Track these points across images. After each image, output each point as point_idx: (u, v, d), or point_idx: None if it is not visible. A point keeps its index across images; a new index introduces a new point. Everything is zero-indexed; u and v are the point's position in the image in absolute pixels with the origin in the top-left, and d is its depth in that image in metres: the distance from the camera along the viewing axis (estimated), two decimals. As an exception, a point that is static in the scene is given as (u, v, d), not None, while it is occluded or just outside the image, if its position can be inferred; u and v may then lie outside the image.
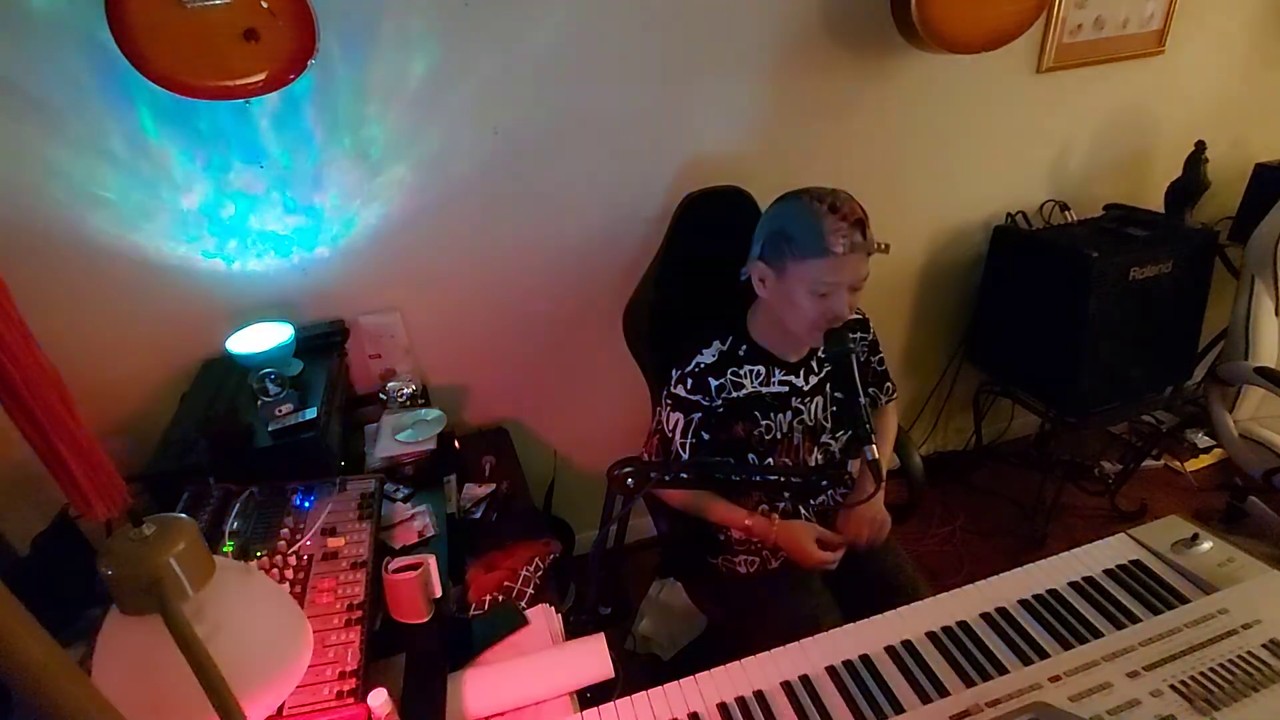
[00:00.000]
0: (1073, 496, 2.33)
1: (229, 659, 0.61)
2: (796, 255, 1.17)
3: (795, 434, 1.36)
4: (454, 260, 1.71)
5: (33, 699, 0.41)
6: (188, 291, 1.54)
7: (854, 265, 1.16)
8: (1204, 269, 2.00)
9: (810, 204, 1.17)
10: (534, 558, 1.29)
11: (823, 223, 1.13)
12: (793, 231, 1.17)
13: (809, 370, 1.36)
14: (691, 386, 1.30)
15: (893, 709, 0.86)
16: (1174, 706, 0.80)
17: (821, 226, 1.13)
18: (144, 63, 1.21)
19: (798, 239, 1.16)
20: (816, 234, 1.14)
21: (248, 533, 1.14)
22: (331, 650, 0.97)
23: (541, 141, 1.64)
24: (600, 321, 1.83)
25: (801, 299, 1.19)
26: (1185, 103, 2.20)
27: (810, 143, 1.86)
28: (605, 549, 1.00)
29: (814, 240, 1.14)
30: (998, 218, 2.14)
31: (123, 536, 0.63)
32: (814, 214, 1.15)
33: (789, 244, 1.18)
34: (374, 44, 1.45)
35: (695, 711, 0.89)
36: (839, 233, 1.13)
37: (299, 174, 1.52)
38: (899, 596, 1.28)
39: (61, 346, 1.43)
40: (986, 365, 2.32)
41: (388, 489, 1.39)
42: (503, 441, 1.80)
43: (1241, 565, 1.00)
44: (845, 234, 1.13)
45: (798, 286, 1.19)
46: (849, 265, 1.16)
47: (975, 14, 1.65)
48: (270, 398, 1.35)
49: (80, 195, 1.40)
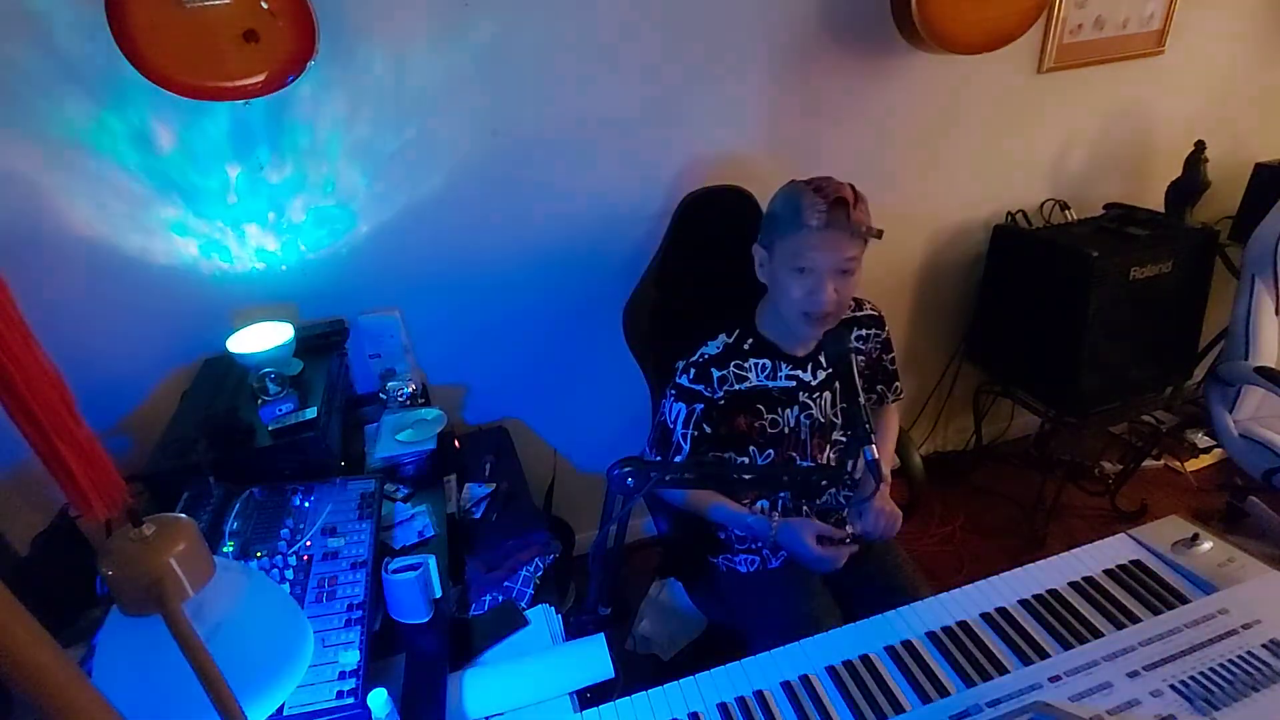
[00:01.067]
0: (1073, 496, 2.33)
1: (229, 659, 0.61)
2: (780, 232, 1.23)
3: (803, 429, 1.37)
4: (454, 260, 1.71)
5: (33, 699, 0.41)
6: (188, 291, 1.54)
7: (833, 242, 1.18)
8: (1204, 269, 2.00)
9: (797, 184, 1.23)
10: (534, 558, 1.29)
11: (802, 199, 1.19)
12: (780, 210, 1.24)
13: (816, 365, 1.36)
14: (694, 377, 1.31)
15: (893, 709, 0.87)
16: (1174, 706, 0.80)
17: (800, 202, 1.19)
18: (143, 63, 1.22)
19: (780, 216, 1.23)
20: (795, 209, 1.19)
21: (248, 533, 1.14)
22: (331, 650, 0.97)
23: (541, 141, 1.64)
24: (600, 321, 1.83)
25: (785, 278, 1.23)
26: (1185, 103, 2.20)
27: (810, 142, 1.86)
28: (605, 549, 1.00)
29: (793, 215, 1.19)
30: (998, 217, 2.15)
31: (123, 536, 0.63)
32: (797, 190, 1.21)
33: (774, 222, 1.25)
34: (374, 44, 1.45)
35: (695, 711, 0.89)
36: (815, 208, 1.16)
37: (298, 174, 1.52)
38: (899, 596, 1.27)
39: (61, 346, 1.44)
40: (986, 365, 2.32)
41: (388, 489, 1.39)
42: (503, 441, 1.79)
43: (1241, 565, 1.00)
44: (823, 210, 1.16)
45: (781, 265, 1.23)
46: (827, 241, 1.18)
47: (976, 14, 1.65)
48: (270, 397, 1.35)
49: (80, 195, 1.40)
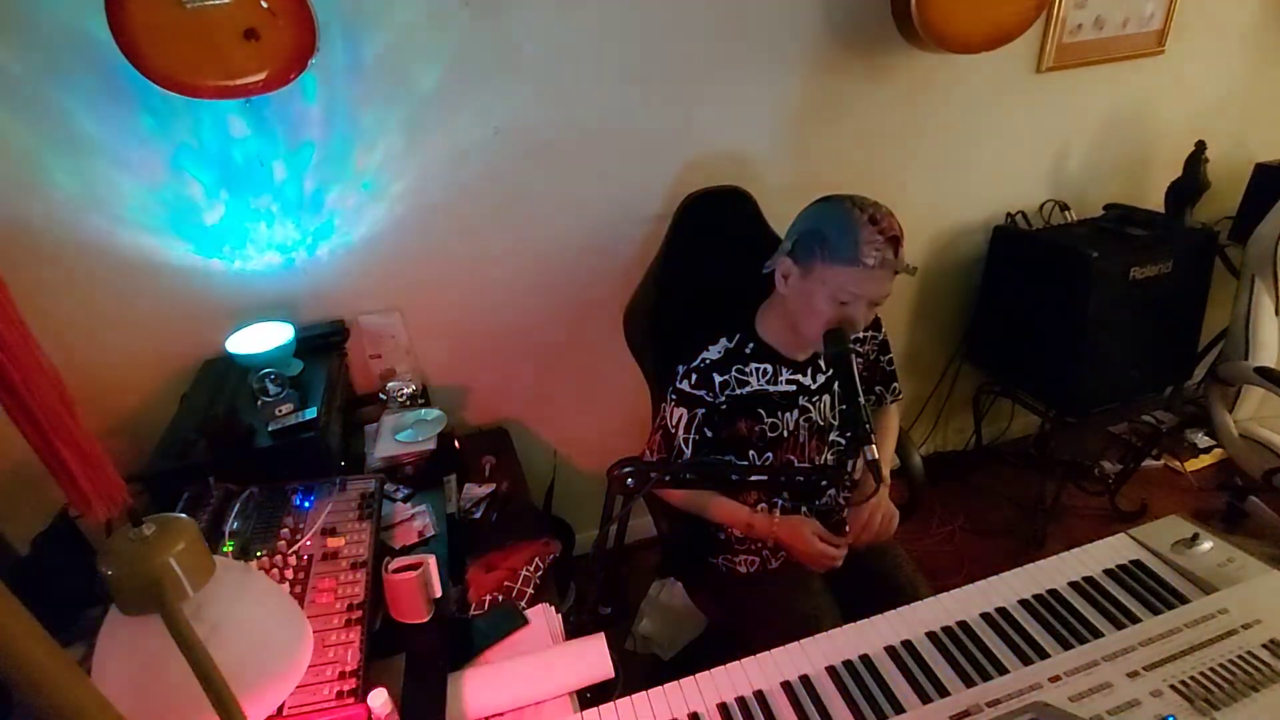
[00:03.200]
0: (1073, 496, 2.33)
1: (229, 659, 0.61)
2: (827, 259, 1.15)
3: (802, 432, 1.36)
4: (454, 260, 1.71)
5: (33, 699, 0.41)
6: (188, 291, 1.54)
7: (880, 281, 1.15)
8: (1204, 269, 2.00)
9: (851, 210, 1.15)
10: (534, 558, 1.29)
11: (860, 232, 1.12)
12: (829, 234, 1.15)
13: (816, 369, 1.36)
14: (696, 381, 1.31)
15: (893, 709, 0.86)
16: (1174, 706, 0.80)
17: (859, 235, 1.12)
18: (143, 62, 1.22)
19: (832, 242, 1.14)
20: (852, 242, 1.12)
21: (248, 533, 1.14)
22: (331, 650, 0.97)
23: (542, 141, 1.64)
24: (600, 321, 1.83)
25: (821, 303, 1.18)
26: (1185, 103, 2.20)
27: (811, 142, 1.86)
28: (605, 549, 1.00)
29: (848, 248, 1.12)
30: (998, 217, 2.14)
31: (123, 536, 0.63)
32: (853, 221, 1.13)
33: (822, 246, 1.16)
34: (374, 44, 1.45)
35: (695, 711, 0.89)
36: (874, 244, 1.11)
37: (299, 174, 1.52)
38: (899, 596, 1.28)
39: (61, 347, 1.46)
40: (986, 365, 2.32)
41: (388, 489, 1.39)
42: (503, 441, 1.80)
43: (1241, 565, 1.00)
44: (880, 247, 1.11)
45: (820, 290, 1.17)
46: (876, 280, 1.15)
47: (975, 14, 1.65)
48: (270, 398, 1.35)
49: (80, 195, 1.40)
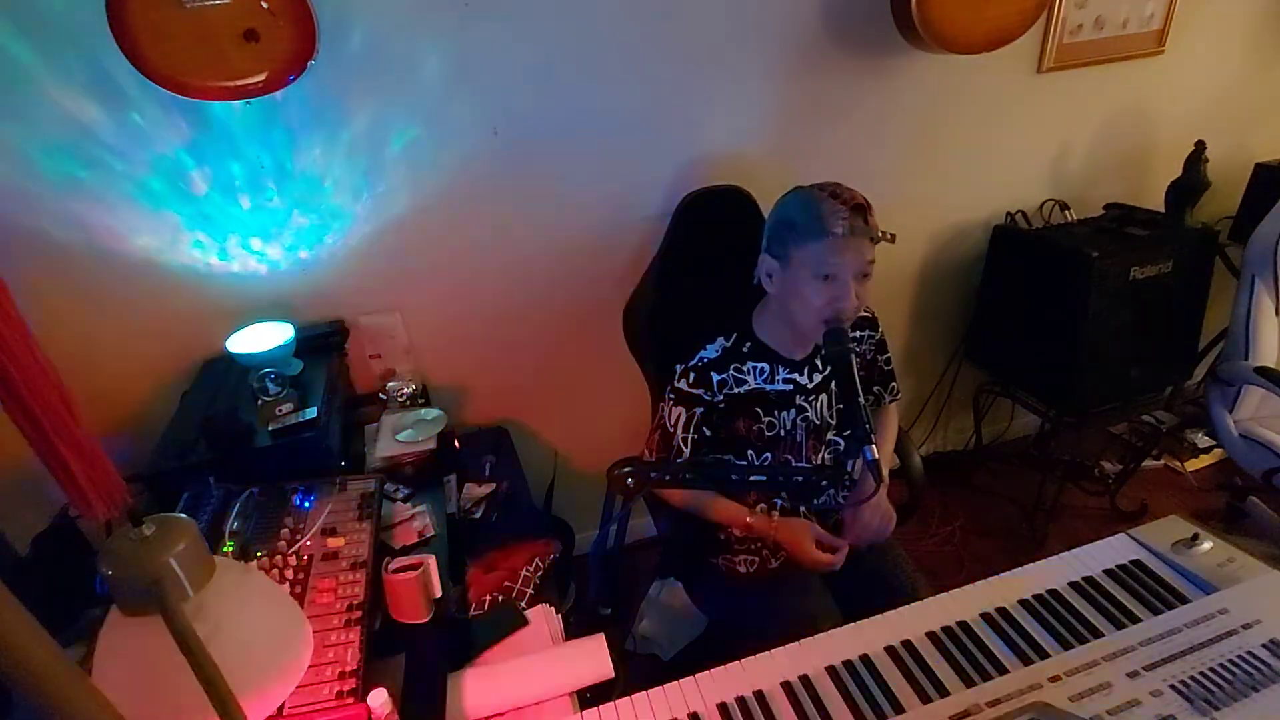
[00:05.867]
0: (1073, 496, 2.33)
1: (229, 659, 0.61)
2: (798, 241, 1.19)
3: (799, 431, 1.37)
4: (454, 260, 1.71)
5: (33, 699, 0.41)
6: (188, 291, 1.54)
7: (856, 248, 1.17)
8: (1204, 269, 2.00)
9: (810, 190, 1.21)
10: (534, 558, 1.29)
11: (822, 206, 1.16)
12: (795, 218, 1.20)
13: (813, 368, 1.36)
14: (694, 381, 1.31)
15: (893, 709, 0.86)
16: (1174, 706, 0.80)
17: (821, 209, 1.16)
18: (144, 62, 1.22)
19: (800, 225, 1.19)
20: (816, 216, 1.16)
21: (248, 533, 1.14)
22: (331, 650, 0.97)
23: (541, 141, 1.64)
24: (600, 321, 1.83)
25: (806, 286, 1.20)
26: (1185, 103, 2.20)
27: (810, 142, 1.86)
28: (605, 549, 1.00)
29: (814, 223, 1.16)
30: (998, 217, 2.14)
31: (123, 536, 0.63)
32: (814, 199, 1.18)
33: (791, 231, 1.20)
34: (374, 43, 1.45)
35: (695, 711, 0.89)
36: (838, 214, 1.15)
37: (299, 174, 1.52)
38: (899, 596, 1.28)
39: (61, 346, 1.44)
40: (986, 365, 2.32)
41: (388, 489, 1.39)
42: (503, 441, 1.79)
43: (1241, 565, 1.00)
44: (845, 216, 1.15)
45: (801, 272, 1.20)
46: (850, 247, 1.17)
47: (976, 14, 1.65)
48: (270, 397, 1.35)
49: (80, 195, 1.40)
